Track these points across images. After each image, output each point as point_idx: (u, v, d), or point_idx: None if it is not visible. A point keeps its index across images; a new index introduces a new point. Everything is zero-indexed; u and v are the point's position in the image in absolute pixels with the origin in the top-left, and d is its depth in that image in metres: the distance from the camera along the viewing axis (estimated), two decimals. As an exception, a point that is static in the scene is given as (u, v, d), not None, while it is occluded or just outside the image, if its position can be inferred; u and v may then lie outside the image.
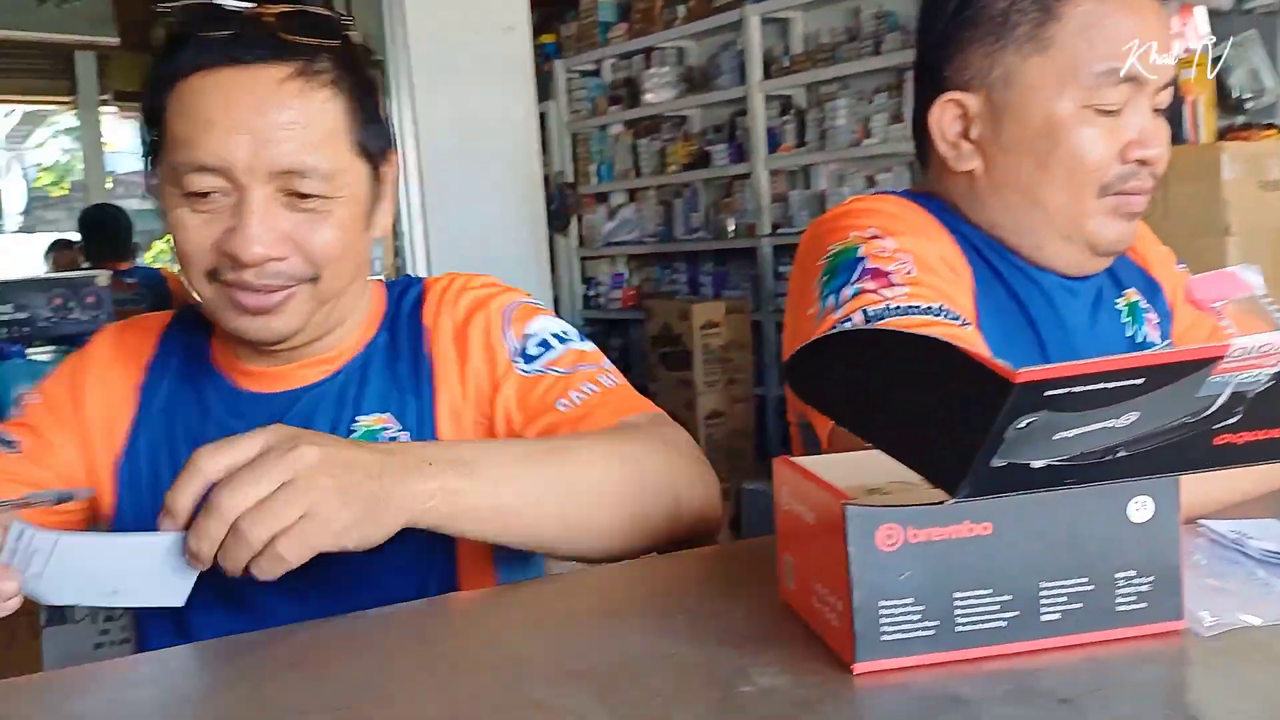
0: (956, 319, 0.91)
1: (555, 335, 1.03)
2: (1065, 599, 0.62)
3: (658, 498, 0.87)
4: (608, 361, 1.04)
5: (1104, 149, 1.00)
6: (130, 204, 5.53)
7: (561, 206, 5.83)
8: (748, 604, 0.73)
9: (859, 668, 0.60)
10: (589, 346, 1.04)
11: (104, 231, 4.26)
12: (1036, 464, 0.54)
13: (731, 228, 5.14)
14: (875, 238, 0.98)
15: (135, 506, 1.02)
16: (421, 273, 5.36)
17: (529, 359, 1.01)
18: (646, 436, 0.91)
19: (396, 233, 5.52)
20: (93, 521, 1.04)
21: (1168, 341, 1.14)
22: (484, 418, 1.02)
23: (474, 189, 3.66)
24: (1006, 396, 0.50)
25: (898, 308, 0.91)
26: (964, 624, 0.61)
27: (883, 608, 0.60)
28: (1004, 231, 1.06)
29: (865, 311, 0.92)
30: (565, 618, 0.75)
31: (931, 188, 1.12)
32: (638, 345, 5.37)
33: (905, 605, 0.60)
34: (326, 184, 0.91)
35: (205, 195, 0.90)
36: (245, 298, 0.92)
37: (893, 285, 0.93)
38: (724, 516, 0.96)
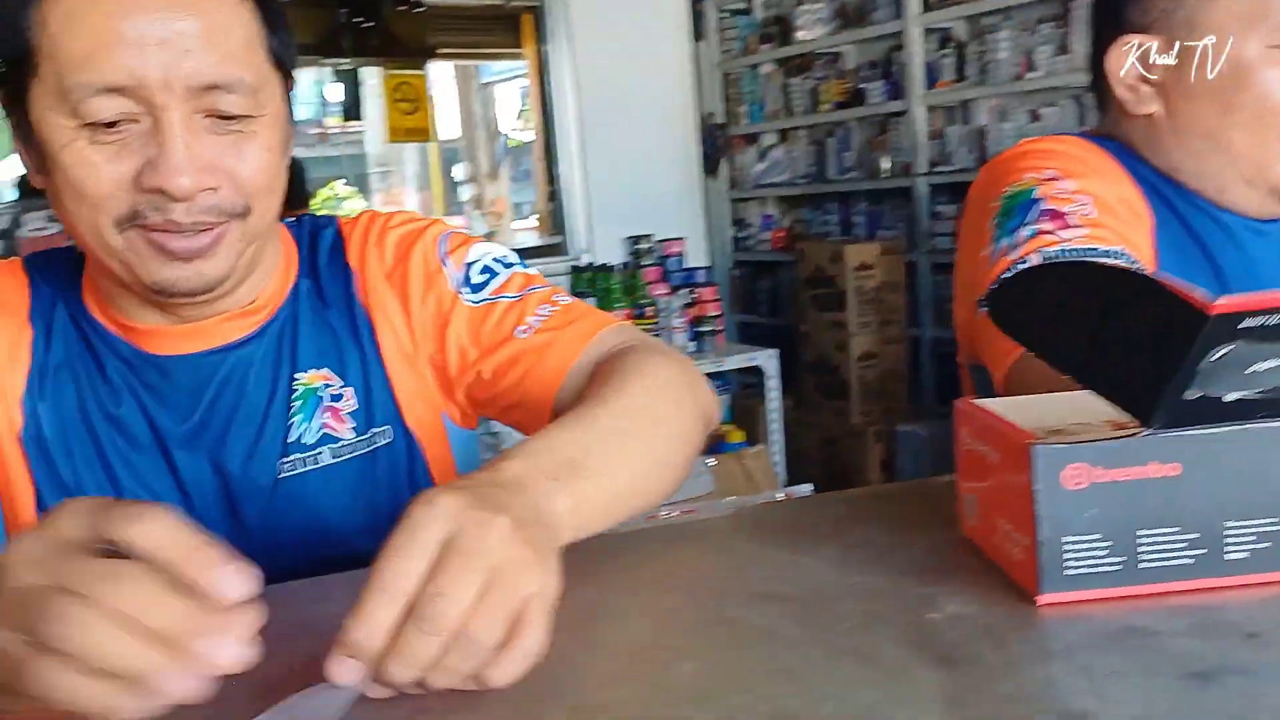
0: (1134, 264, 0.91)
1: (498, 260, 0.99)
2: (1253, 538, 0.63)
3: (696, 423, 0.87)
4: (552, 283, 1.00)
5: None
6: (298, 151, 5.76)
7: (712, 148, 5.82)
8: (927, 539, 0.76)
9: (1043, 599, 0.63)
10: (532, 270, 1.00)
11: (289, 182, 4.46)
12: (1229, 397, 0.55)
13: (886, 167, 5.05)
14: (1053, 179, 0.98)
15: (54, 491, 0.89)
16: (580, 217, 5.47)
17: (475, 288, 0.96)
18: (665, 363, 0.87)
19: (552, 177, 5.64)
20: None
21: None
22: (436, 355, 0.97)
23: (630, 133, 3.74)
24: (1201, 327, 0.51)
25: (1074, 250, 0.91)
26: (1148, 561, 0.63)
27: (1067, 543, 0.63)
28: (1185, 175, 1.05)
29: (1042, 254, 0.93)
30: (751, 548, 0.80)
31: (1109, 130, 1.10)
32: (788, 287, 5.35)
33: (1090, 541, 0.63)
34: (251, 100, 0.82)
35: (111, 125, 0.78)
36: (172, 241, 0.80)
37: (1070, 227, 0.93)
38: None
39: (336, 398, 0.95)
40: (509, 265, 0.99)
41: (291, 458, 0.93)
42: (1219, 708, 0.50)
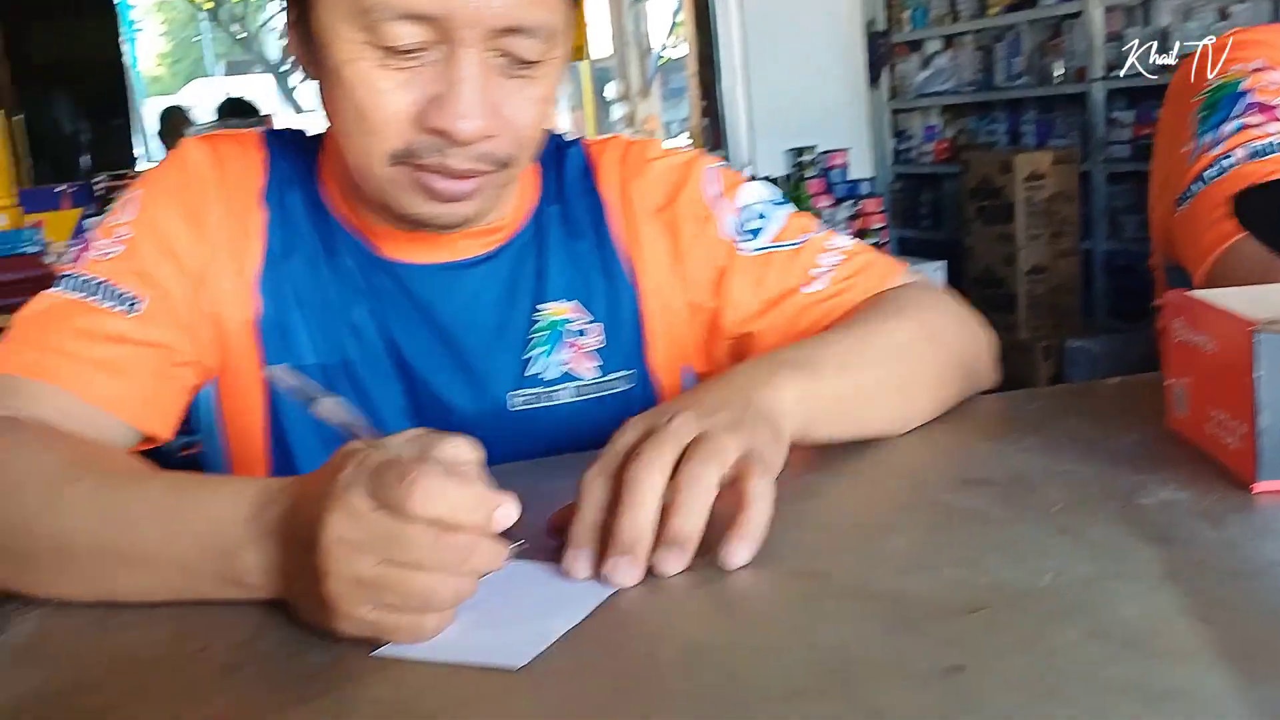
0: None
1: (769, 202, 0.94)
2: None
3: (960, 373, 0.86)
4: (819, 222, 0.95)
5: None
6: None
7: (873, 57, 5.66)
8: (1133, 431, 0.77)
9: (1259, 487, 0.63)
10: (795, 208, 0.95)
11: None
12: None
13: (1059, 72, 4.82)
14: (1261, 70, 0.94)
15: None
16: (742, 130, 5.42)
17: (751, 234, 0.92)
18: (938, 309, 0.88)
19: (706, 92, 5.59)
20: (203, 388, 0.88)
21: None
22: (705, 307, 0.92)
23: (792, 43, 3.66)
24: None
25: None
26: (1376, 450, 0.62)
27: (1289, 431, 0.62)
28: None
29: (1248, 148, 0.89)
30: (954, 439, 0.81)
31: None
32: (951, 199, 5.21)
33: (1312, 429, 0.62)
34: (545, 45, 0.76)
35: (407, 51, 0.73)
36: (438, 182, 0.76)
37: (1278, 120, 0.90)
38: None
39: (581, 333, 0.91)
40: (780, 205, 0.94)
41: (526, 391, 0.90)
42: None
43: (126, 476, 0.65)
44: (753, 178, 0.98)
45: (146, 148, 7.64)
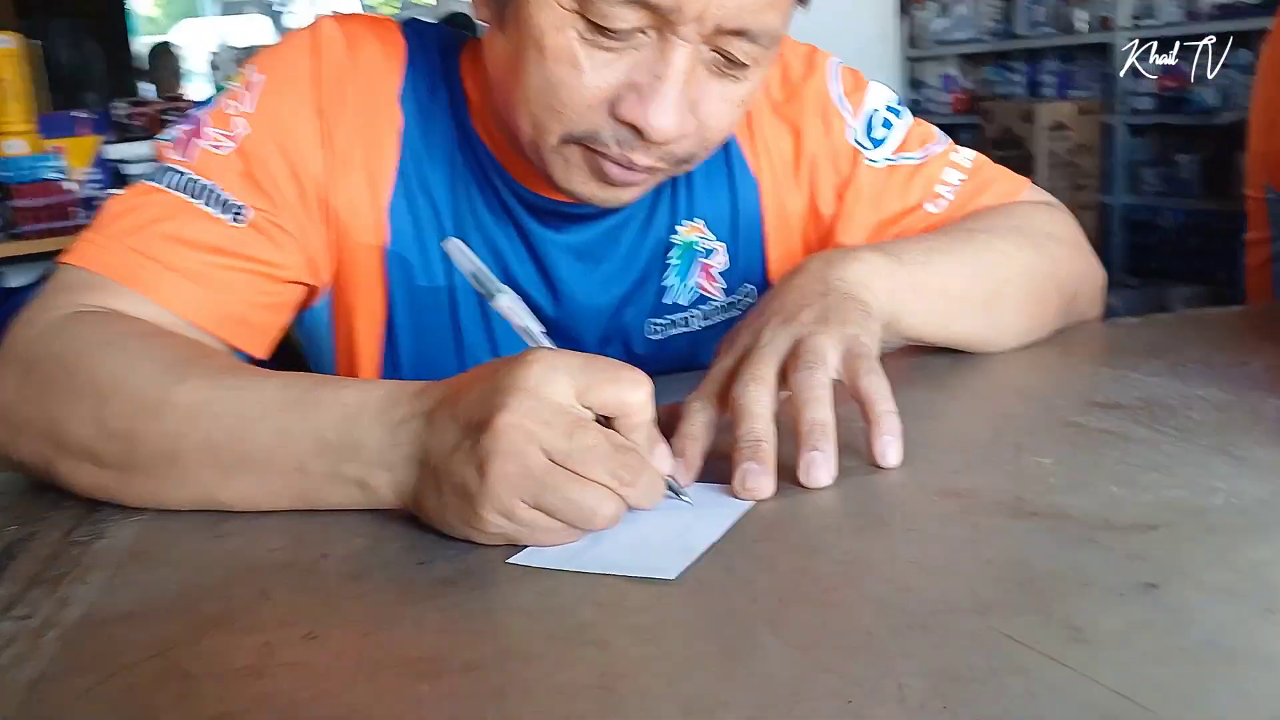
0: None
1: (892, 108, 0.90)
2: None
3: (1061, 293, 0.83)
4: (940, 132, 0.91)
5: None
6: None
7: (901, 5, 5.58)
8: (1261, 355, 0.74)
9: None
10: (916, 117, 0.91)
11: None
12: None
13: (1083, 20, 4.74)
14: None
15: (409, 297, 0.80)
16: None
17: (876, 144, 0.88)
18: (1050, 225, 0.85)
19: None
20: (307, 309, 0.81)
21: None
22: (824, 215, 0.88)
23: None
24: None
25: None
26: None
27: None
28: None
29: None
30: (1070, 363, 0.78)
31: None
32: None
33: None
34: (763, 51, 0.70)
35: (617, 33, 0.66)
36: (613, 170, 0.71)
37: None
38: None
39: (709, 252, 0.86)
40: (900, 113, 0.90)
41: (662, 319, 0.86)
42: None
43: (236, 375, 0.61)
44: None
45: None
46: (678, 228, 0.85)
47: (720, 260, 0.87)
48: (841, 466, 0.58)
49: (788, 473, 0.58)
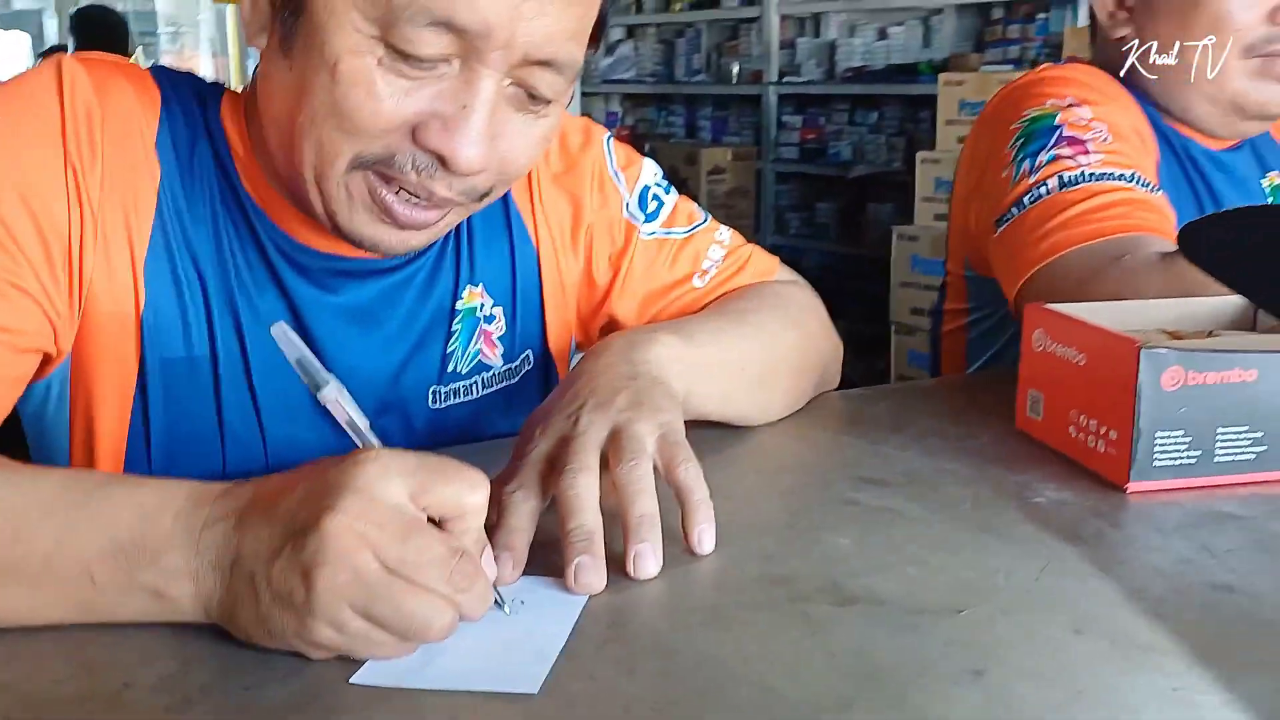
0: (1148, 186, 0.99)
1: (660, 185, 0.92)
2: (1306, 438, 0.72)
3: (816, 368, 0.89)
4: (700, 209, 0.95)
5: (1247, 9, 1.05)
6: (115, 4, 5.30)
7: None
8: (987, 429, 0.83)
9: (1133, 487, 0.71)
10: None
11: (102, 34, 4.11)
12: None
13: (735, 72, 5.10)
14: (1072, 106, 1.05)
15: (164, 367, 0.73)
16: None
17: (649, 217, 0.90)
18: (806, 306, 0.92)
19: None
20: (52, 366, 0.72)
21: None
22: (598, 283, 0.89)
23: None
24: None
25: (1093, 174, 0.98)
26: (1222, 455, 0.71)
27: (1159, 438, 0.70)
28: (1157, 98, 1.13)
29: (1060, 177, 0.99)
30: (826, 436, 0.84)
31: (1101, 60, 1.18)
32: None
33: (1176, 436, 0.70)
34: (565, 85, 0.68)
35: (422, 60, 0.63)
36: (402, 209, 0.68)
37: (1088, 153, 1.00)
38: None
39: (490, 319, 0.85)
40: (669, 189, 0.93)
41: (445, 387, 0.84)
42: (1334, 579, 0.59)
43: (4, 469, 0.53)
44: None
45: None
46: (462, 293, 0.83)
47: (499, 326, 0.86)
48: (663, 553, 0.59)
49: (612, 560, 0.58)
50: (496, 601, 0.53)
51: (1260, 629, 0.54)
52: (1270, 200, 1.18)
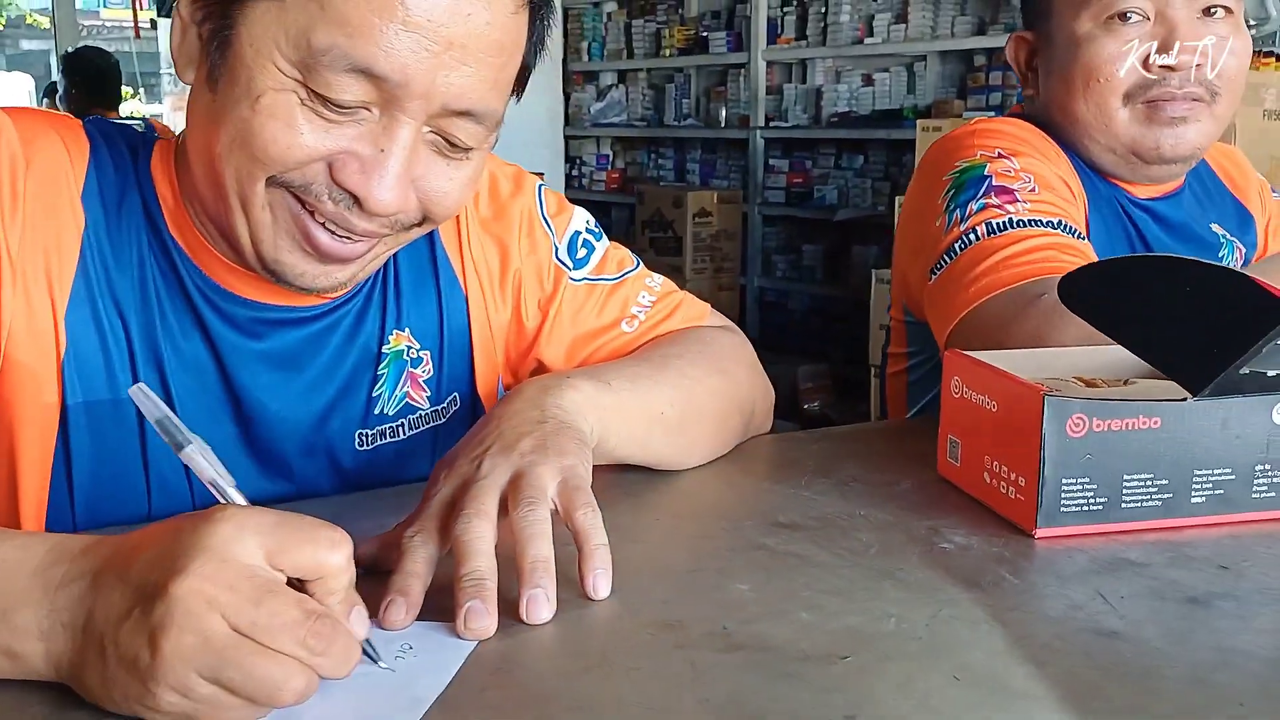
0: (1073, 233, 1.01)
1: (591, 231, 0.94)
2: (1211, 485, 0.73)
3: (741, 413, 0.90)
4: (631, 254, 0.97)
5: (1117, 58, 1.08)
6: (109, 46, 5.37)
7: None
8: (909, 476, 0.84)
9: (1040, 533, 0.71)
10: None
11: (94, 78, 4.16)
12: (1272, 372, 0.64)
13: (723, 117, 5.16)
14: (1001, 157, 1.07)
15: (88, 410, 0.74)
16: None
17: (578, 264, 0.91)
18: (733, 351, 0.92)
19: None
20: None
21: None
22: (527, 327, 0.90)
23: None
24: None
25: (1020, 220, 1.00)
26: (1128, 502, 0.72)
27: (1064, 484, 0.71)
28: (1073, 149, 1.16)
29: (989, 224, 1.01)
30: (750, 481, 0.85)
31: (1029, 110, 1.21)
32: (622, 227, 5.42)
33: (1082, 483, 0.71)
34: (485, 134, 0.71)
35: (341, 106, 0.65)
36: (325, 241, 0.69)
37: (1017, 201, 1.02)
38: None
39: (417, 362, 0.85)
40: (599, 237, 0.94)
41: (371, 430, 0.84)
42: (1221, 627, 0.59)
43: None
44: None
45: None
46: (389, 337, 0.84)
47: (426, 369, 0.87)
48: (558, 597, 0.60)
49: (506, 603, 0.59)
50: (370, 657, 0.53)
51: (1139, 675, 0.54)
52: (1222, 248, 1.20)
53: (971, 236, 1.01)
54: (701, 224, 4.56)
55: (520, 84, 0.75)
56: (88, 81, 4.12)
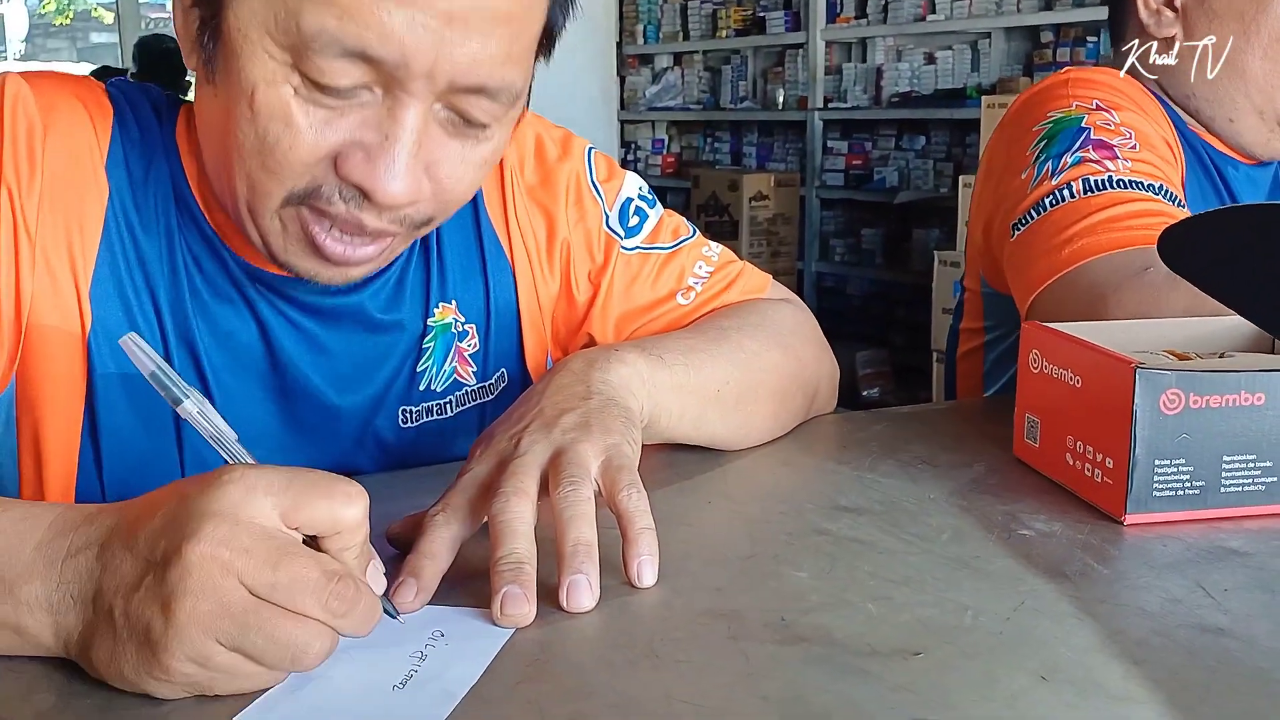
0: (1174, 200, 0.93)
1: (644, 198, 0.89)
2: (1322, 468, 0.66)
3: (804, 391, 0.85)
4: (687, 221, 0.91)
5: None
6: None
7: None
8: (981, 457, 0.78)
9: (1130, 519, 0.65)
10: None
11: (160, 62, 4.20)
12: None
13: (781, 99, 5.07)
14: (1099, 109, 0.99)
15: (120, 382, 0.71)
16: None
17: (630, 232, 0.86)
18: (795, 325, 0.87)
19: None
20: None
21: None
22: (577, 299, 0.85)
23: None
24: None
25: (1120, 180, 0.92)
26: (1228, 485, 0.66)
27: (1158, 466, 0.65)
28: (1199, 103, 1.07)
29: (1086, 181, 0.94)
30: (811, 462, 0.80)
31: (1118, 64, 1.12)
32: (677, 212, 5.35)
33: (1177, 465, 0.65)
34: (504, 110, 0.65)
35: (338, 90, 0.60)
36: (333, 245, 0.65)
37: (1117, 158, 0.95)
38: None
39: (463, 335, 0.81)
40: (653, 203, 0.89)
41: (418, 406, 0.80)
42: (1342, 623, 0.53)
43: None
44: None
45: None
46: (434, 310, 0.80)
47: (472, 343, 0.82)
48: (601, 584, 0.55)
49: (546, 589, 0.54)
50: (389, 613, 0.50)
51: (1251, 676, 0.48)
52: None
53: (1065, 193, 0.93)
54: (758, 207, 4.49)
55: (547, 47, 0.68)
56: (155, 65, 4.15)
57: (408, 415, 0.81)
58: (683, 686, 0.47)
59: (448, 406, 0.82)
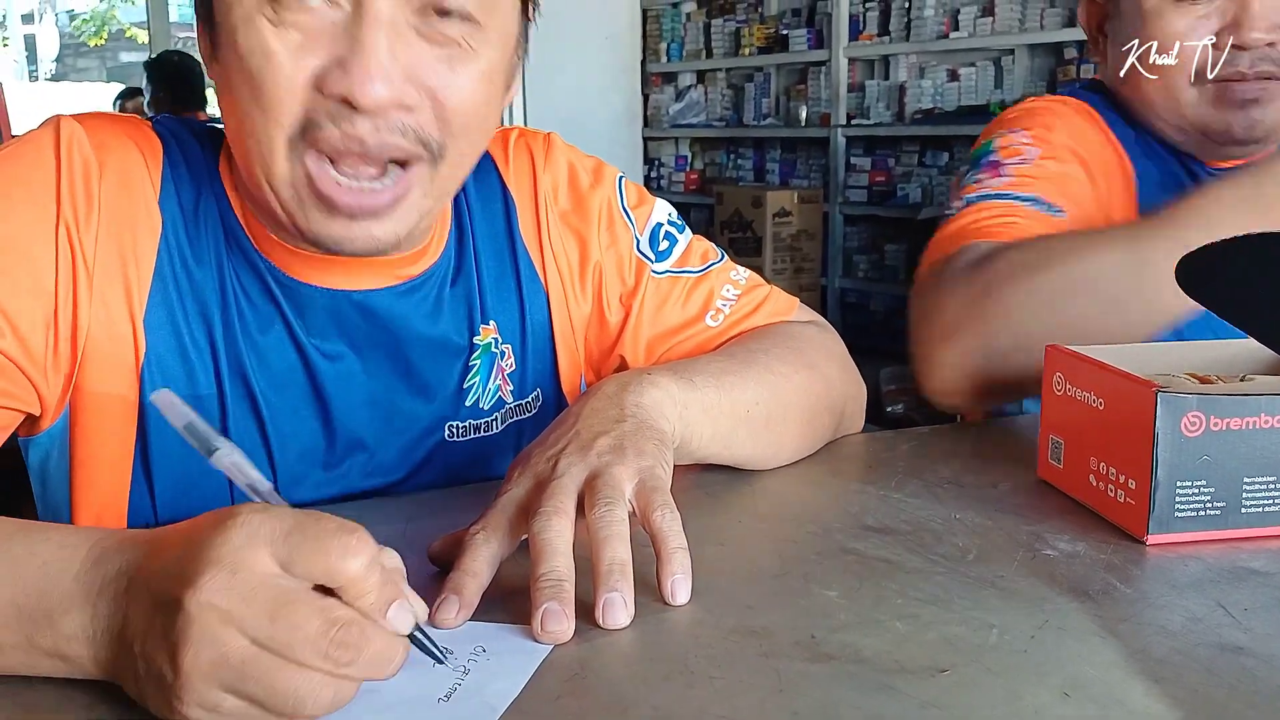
0: (1051, 209, 0.97)
1: (673, 224, 0.91)
2: (1342, 490, 0.67)
3: (831, 411, 0.87)
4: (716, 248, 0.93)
5: (1179, 34, 1.01)
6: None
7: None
8: (1006, 478, 0.79)
9: (1153, 539, 0.66)
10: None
11: (176, 80, 4.24)
12: None
13: (804, 116, 5.09)
14: (1014, 132, 1.04)
15: (159, 412, 0.66)
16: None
17: (660, 256, 0.88)
18: (822, 347, 0.89)
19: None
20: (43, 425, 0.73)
21: None
22: (609, 322, 0.87)
23: (573, 67, 3.64)
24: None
25: (992, 194, 0.98)
26: (1249, 507, 0.67)
27: (1179, 487, 0.66)
28: (1138, 118, 1.09)
29: (965, 199, 0.99)
30: (839, 482, 0.81)
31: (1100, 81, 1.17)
32: (701, 229, 5.34)
33: (1199, 486, 0.66)
34: (483, 35, 0.67)
35: (309, 8, 0.63)
36: (346, 198, 0.66)
37: (999, 176, 0.99)
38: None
39: (501, 355, 0.83)
40: (682, 229, 0.91)
41: (464, 423, 0.82)
42: (1361, 643, 0.54)
43: None
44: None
45: None
46: (478, 330, 0.82)
47: (510, 363, 0.85)
48: (636, 602, 0.57)
49: (583, 607, 0.56)
50: (434, 655, 0.50)
51: (1271, 695, 0.50)
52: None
53: (949, 214, 1.00)
54: (781, 223, 4.51)
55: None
56: (169, 84, 4.19)
57: (453, 430, 0.83)
58: (716, 702, 0.49)
59: (494, 424, 0.85)
